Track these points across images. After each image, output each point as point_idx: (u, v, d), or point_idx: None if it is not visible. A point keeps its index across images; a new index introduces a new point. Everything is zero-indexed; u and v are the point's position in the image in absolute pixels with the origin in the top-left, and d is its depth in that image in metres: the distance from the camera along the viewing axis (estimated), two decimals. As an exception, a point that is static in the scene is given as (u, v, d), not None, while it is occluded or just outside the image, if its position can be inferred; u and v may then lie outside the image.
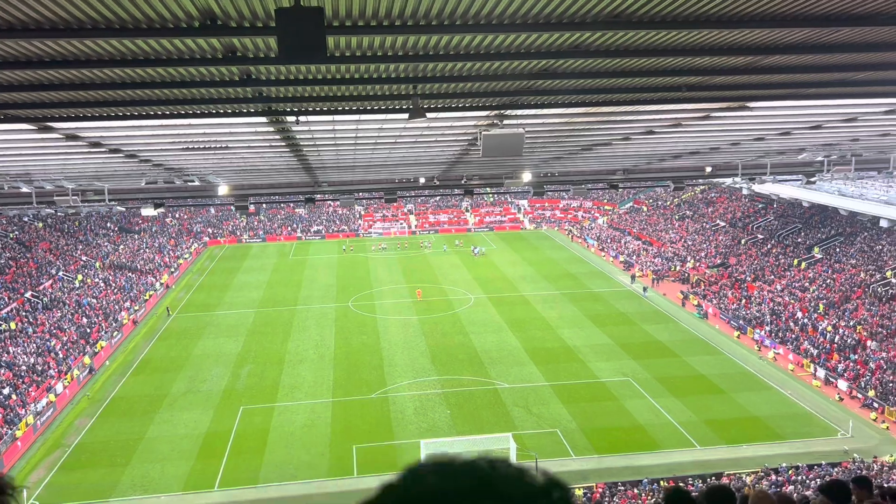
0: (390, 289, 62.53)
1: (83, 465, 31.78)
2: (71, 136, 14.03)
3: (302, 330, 50.84)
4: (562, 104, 12.79)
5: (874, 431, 33.97)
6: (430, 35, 8.01)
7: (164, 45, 7.92)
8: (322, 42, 6.58)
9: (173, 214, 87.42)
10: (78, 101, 10.64)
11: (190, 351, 46.80)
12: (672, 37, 8.54)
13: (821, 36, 8.75)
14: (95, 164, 19.82)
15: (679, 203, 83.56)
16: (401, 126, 14.30)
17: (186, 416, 36.52)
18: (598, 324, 49.95)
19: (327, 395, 38.69)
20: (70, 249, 65.96)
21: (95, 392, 40.58)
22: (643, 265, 66.57)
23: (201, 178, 26.67)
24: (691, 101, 12.78)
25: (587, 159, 25.76)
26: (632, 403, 36.39)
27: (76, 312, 51.34)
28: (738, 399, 37.14)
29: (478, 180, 31.24)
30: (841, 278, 50.81)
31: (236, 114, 12.29)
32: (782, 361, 42.92)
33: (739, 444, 32.30)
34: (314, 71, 9.75)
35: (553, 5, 7.18)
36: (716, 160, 29.18)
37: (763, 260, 59.95)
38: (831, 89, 12.15)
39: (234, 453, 32.30)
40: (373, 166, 25.06)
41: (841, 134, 20.28)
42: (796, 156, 27.83)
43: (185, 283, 67.79)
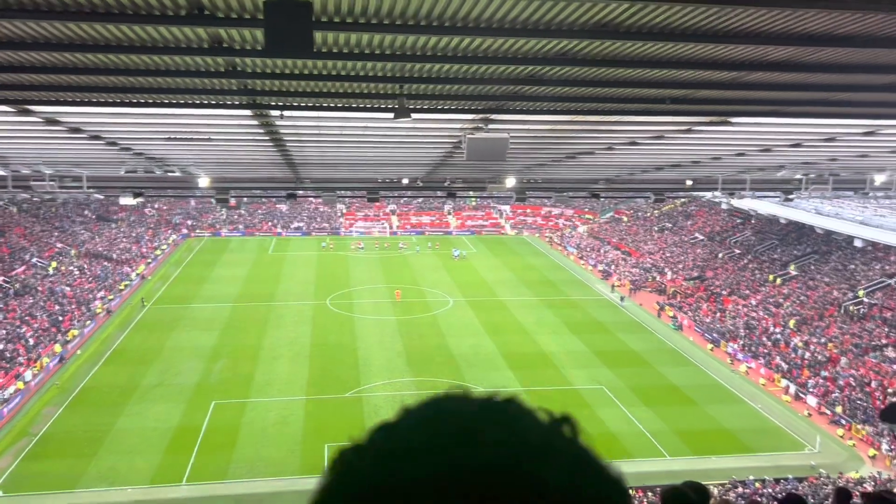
0: (369, 288, 62.36)
1: (49, 455, 31.29)
2: (50, 120, 13.83)
3: (278, 326, 50.50)
4: (547, 111, 12.86)
5: (841, 448, 34.45)
6: (417, 35, 8.02)
7: (150, 32, 7.84)
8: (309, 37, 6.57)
9: (152, 205, 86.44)
10: (59, 85, 10.50)
11: (163, 343, 46.29)
12: (658, 48, 8.62)
13: (803, 55, 8.89)
14: (75, 150, 19.56)
15: (659, 215, 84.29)
16: (386, 125, 14.27)
17: (157, 408, 36.10)
18: (575, 331, 50.18)
19: (301, 393, 38.46)
20: (45, 236, 65.00)
21: (65, 381, 39.98)
22: (621, 275, 67.03)
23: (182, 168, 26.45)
24: (675, 113, 12.91)
25: (570, 167, 25.90)
26: (604, 412, 36.59)
27: (49, 300, 50.59)
28: (709, 411, 37.49)
29: (461, 183, 31.26)
30: (814, 296, 51.53)
31: (220, 105, 12.19)
32: (754, 375, 43.40)
33: (708, 456, 32.60)
34: (300, 66, 9.70)
35: (541, 11, 7.21)
36: (697, 174, 29.46)
37: (739, 274, 60.63)
38: (812, 108, 12.33)
39: (204, 448, 31.99)
40: (356, 164, 25.00)
41: (820, 153, 20.57)
42: (775, 173, 28.20)
43: (162, 274, 67.08)
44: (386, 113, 12.09)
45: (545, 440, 0.72)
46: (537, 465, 0.68)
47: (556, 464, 0.69)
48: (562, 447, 0.73)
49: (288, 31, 6.40)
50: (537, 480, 0.66)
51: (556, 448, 0.72)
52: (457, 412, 0.73)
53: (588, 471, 0.72)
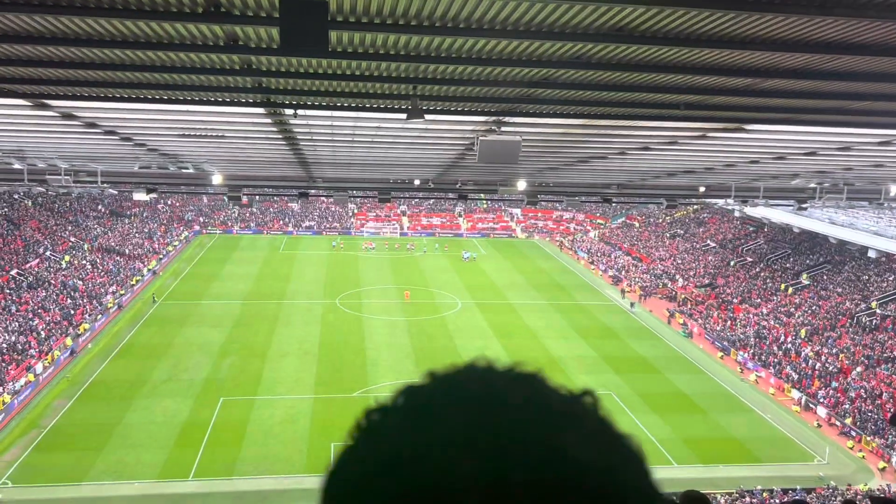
0: (378, 289, 62.42)
1: (58, 448, 31.49)
2: (67, 115, 13.95)
3: (287, 324, 50.64)
4: (560, 114, 12.84)
5: (850, 459, 34.15)
6: (432, 36, 8.03)
7: (167, 28, 7.90)
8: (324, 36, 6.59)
9: (165, 201, 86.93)
10: (76, 79, 10.59)
11: (173, 339, 46.51)
12: (673, 53, 8.59)
13: (820, 63, 8.83)
14: (90, 144, 19.71)
15: (671, 221, 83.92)
16: (399, 126, 14.30)
17: (165, 403, 36.27)
18: (584, 336, 50.02)
19: (308, 391, 38.54)
20: (59, 229, 65.51)
21: (75, 374, 40.25)
22: (632, 281, 66.78)
23: (196, 165, 26.60)
24: (689, 119, 12.86)
25: (582, 172, 25.85)
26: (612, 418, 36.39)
27: (61, 293, 50.96)
28: (717, 419, 37.26)
29: (472, 186, 31.30)
30: (826, 306, 51.13)
31: (234, 103, 12.25)
32: (763, 385, 43.10)
33: (716, 464, 32.40)
34: (315, 65, 9.74)
35: (556, 14, 7.21)
36: (710, 181, 29.33)
37: (751, 283, 60.26)
38: (828, 116, 12.25)
39: (211, 444, 32.10)
40: (368, 165, 25.05)
41: (835, 162, 20.43)
42: (789, 181, 28.03)
43: (174, 270, 67.43)
44: (399, 113, 12.11)
45: (566, 406, 0.74)
46: (557, 429, 0.69)
47: (575, 429, 0.70)
48: (581, 413, 0.74)
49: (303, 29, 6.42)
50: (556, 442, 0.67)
51: (576, 414, 0.74)
52: (482, 377, 0.75)
53: (605, 438, 0.73)
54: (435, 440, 0.66)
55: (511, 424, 0.67)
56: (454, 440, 0.65)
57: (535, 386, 0.75)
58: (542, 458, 0.65)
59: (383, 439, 0.69)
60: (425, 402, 0.72)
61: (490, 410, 0.69)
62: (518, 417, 0.68)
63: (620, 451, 0.73)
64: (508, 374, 0.77)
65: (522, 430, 0.67)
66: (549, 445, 0.66)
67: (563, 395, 0.76)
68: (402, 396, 0.74)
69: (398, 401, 0.73)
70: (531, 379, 0.77)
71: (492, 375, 0.76)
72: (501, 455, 0.64)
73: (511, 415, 0.69)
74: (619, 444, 0.73)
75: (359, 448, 0.70)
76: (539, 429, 0.68)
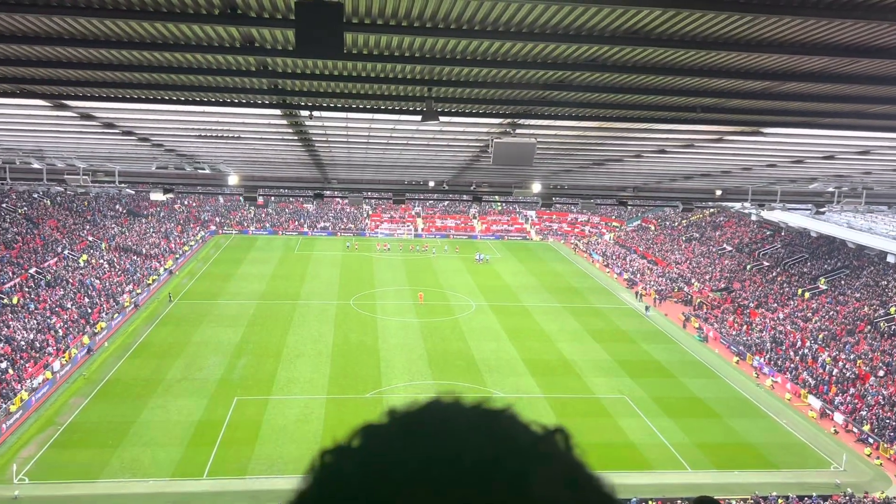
0: (392, 290, 62.52)
1: (74, 444, 31.81)
2: (85, 115, 14.09)
3: (302, 325, 50.84)
4: (575, 117, 12.79)
5: (867, 467, 33.74)
6: (447, 38, 8.03)
7: (184, 30, 7.96)
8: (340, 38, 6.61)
9: (182, 201, 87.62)
10: (94, 80, 10.69)
11: (189, 338, 46.85)
12: (690, 56, 8.53)
13: (839, 66, 8.74)
14: (108, 145, 19.90)
15: (687, 225, 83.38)
16: (413, 128, 14.32)
17: (180, 402, 36.53)
18: (598, 339, 49.80)
19: (322, 392, 38.67)
20: (77, 229, 66.20)
21: (92, 372, 40.64)
22: (647, 284, 66.42)
23: (212, 166, 26.77)
24: (706, 122, 12.76)
25: (597, 174, 25.75)
26: (626, 421, 36.24)
27: (78, 292, 51.48)
28: (732, 424, 36.95)
29: (487, 188, 31.26)
30: (844, 311, 50.56)
31: (250, 104, 12.33)
32: (780, 390, 42.69)
33: (731, 470, 32.13)
34: (330, 66, 9.77)
35: (572, 17, 7.18)
36: (726, 184, 29.11)
37: (767, 287, 59.73)
38: (847, 120, 12.12)
39: (225, 443, 32.29)
40: (383, 166, 25.10)
41: (854, 166, 20.21)
42: (807, 185, 27.75)
43: (189, 270, 67.92)
44: (414, 115, 12.13)
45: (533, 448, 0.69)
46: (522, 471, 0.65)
47: (542, 471, 0.66)
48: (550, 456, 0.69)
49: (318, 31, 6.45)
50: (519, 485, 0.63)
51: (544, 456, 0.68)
52: (444, 416, 0.71)
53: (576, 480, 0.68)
54: (389, 485, 0.63)
55: (472, 466, 0.63)
56: (409, 484, 0.62)
57: (501, 424, 0.71)
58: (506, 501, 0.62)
59: (336, 484, 0.66)
60: (381, 445, 0.68)
61: (449, 452, 0.65)
62: (478, 458, 0.64)
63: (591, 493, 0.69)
64: (472, 411, 0.71)
65: (484, 472, 0.63)
66: (513, 487, 0.63)
67: (532, 433, 0.71)
68: (359, 437, 0.70)
69: (353, 442, 0.70)
70: (497, 416, 0.72)
71: (454, 413, 0.71)
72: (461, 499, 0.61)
73: (471, 455, 0.65)
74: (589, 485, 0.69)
75: (312, 492, 0.68)
76: (502, 470, 0.64)
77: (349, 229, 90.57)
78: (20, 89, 11.25)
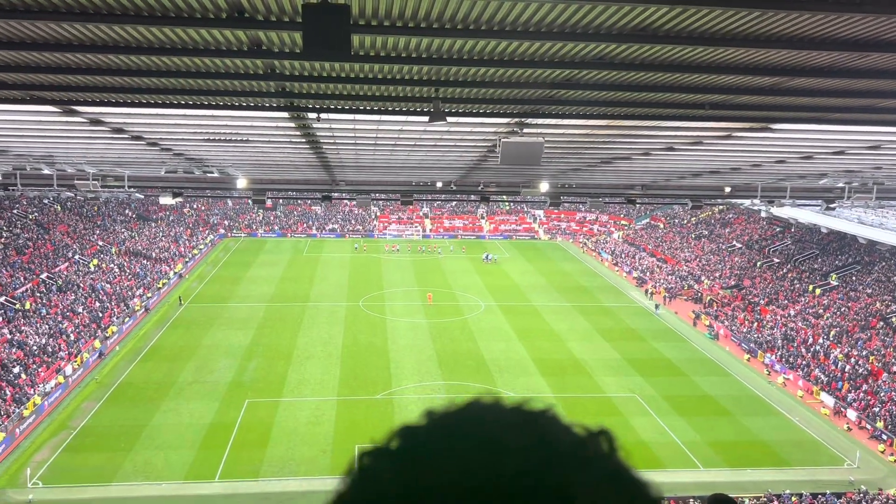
0: (401, 291, 62.57)
1: (87, 448, 31.98)
2: (95, 120, 14.17)
3: (311, 326, 50.95)
4: (583, 115, 12.77)
5: (881, 464, 33.50)
6: (454, 39, 8.03)
7: (191, 34, 7.99)
8: (347, 40, 6.62)
9: (191, 205, 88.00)
10: (103, 86, 10.76)
11: (199, 341, 47.03)
12: (698, 53, 8.50)
13: (848, 60, 8.68)
14: (117, 150, 20.02)
15: (696, 222, 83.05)
16: (421, 129, 14.33)
17: (192, 405, 36.67)
18: (608, 338, 49.66)
19: (332, 393, 38.73)
20: (87, 234, 66.59)
21: (104, 376, 40.86)
22: (656, 282, 66.18)
23: (220, 169, 26.87)
24: (714, 119, 12.72)
25: (605, 172, 25.68)
26: (637, 420, 36.12)
27: (90, 296, 51.78)
28: (744, 422, 36.76)
29: (495, 188, 31.24)
30: (856, 307, 50.23)
31: (258, 107, 12.36)
32: (791, 387, 42.45)
33: (744, 468, 31.96)
34: (338, 69, 9.79)
35: (579, 15, 7.17)
36: (735, 181, 28.98)
37: (778, 284, 59.41)
38: (856, 115, 12.04)
39: (237, 446, 32.39)
40: (391, 167, 25.13)
41: (864, 161, 20.08)
42: (817, 181, 27.60)
43: (199, 273, 68.18)
44: (421, 116, 12.13)
45: (576, 452, 0.67)
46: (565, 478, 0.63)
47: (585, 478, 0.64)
48: (594, 461, 0.68)
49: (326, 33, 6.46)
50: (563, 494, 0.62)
51: (588, 461, 0.67)
52: (483, 418, 0.70)
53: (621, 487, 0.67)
54: (427, 489, 0.62)
55: (512, 470, 0.62)
56: (448, 488, 0.61)
57: (542, 426, 0.69)
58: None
59: (374, 486, 0.66)
60: (419, 447, 0.67)
61: (489, 455, 0.64)
62: (519, 463, 0.63)
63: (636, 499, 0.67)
64: (512, 413, 0.70)
65: (524, 477, 0.62)
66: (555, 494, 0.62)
67: (574, 436, 0.69)
68: (397, 439, 0.69)
69: (391, 444, 0.69)
70: (538, 418, 0.70)
71: (493, 415, 0.70)
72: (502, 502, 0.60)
73: (512, 460, 0.64)
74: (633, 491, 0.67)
75: (349, 494, 0.67)
76: (543, 475, 0.63)
77: (357, 231, 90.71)
78: (30, 96, 11.33)
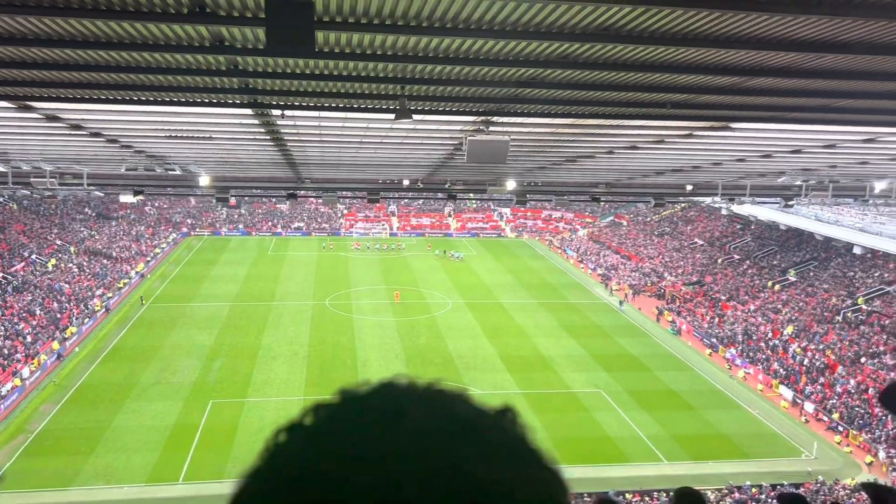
0: (368, 289, 62.34)
1: (46, 452, 31.24)
2: (51, 116, 13.83)
3: (277, 326, 50.47)
4: (547, 114, 12.86)
5: (838, 454, 34.42)
6: (419, 36, 8.02)
7: (151, 29, 7.85)
8: (311, 36, 6.57)
9: (152, 203, 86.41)
10: (60, 81, 10.50)
11: (162, 341, 46.25)
12: (659, 53, 8.62)
13: (804, 61, 8.89)
14: (75, 147, 19.56)
15: (659, 220, 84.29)
16: (387, 126, 14.28)
17: (155, 407, 36.05)
18: (573, 334, 50.15)
19: (299, 393, 38.43)
20: (45, 233, 64.98)
21: (62, 378, 39.94)
22: (621, 279, 67.03)
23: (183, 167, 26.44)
24: (675, 118, 12.92)
25: (571, 171, 25.91)
26: (602, 415, 36.56)
27: (47, 297, 50.55)
28: (706, 416, 37.46)
29: (461, 186, 31.29)
30: (813, 302, 51.52)
31: (221, 104, 12.20)
32: (752, 381, 43.37)
33: (706, 461, 32.56)
34: (302, 65, 9.71)
35: (542, 14, 7.22)
36: (697, 179, 29.48)
37: (738, 280, 60.62)
38: (813, 115, 12.34)
39: (202, 447, 31.94)
40: (357, 165, 25.01)
41: (820, 159, 20.59)
42: (776, 179, 28.22)
43: (161, 272, 67.04)
44: (387, 114, 12.10)
45: (472, 423, 0.72)
46: (456, 445, 0.68)
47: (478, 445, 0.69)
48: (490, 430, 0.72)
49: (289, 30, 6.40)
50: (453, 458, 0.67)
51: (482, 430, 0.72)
52: (388, 395, 0.75)
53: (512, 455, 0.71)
54: (332, 456, 0.67)
55: (409, 439, 0.67)
56: (350, 456, 0.66)
57: (444, 402, 0.74)
58: (437, 472, 0.65)
59: (285, 457, 0.71)
60: (328, 420, 0.73)
61: (389, 426, 0.69)
62: (417, 432, 0.68)
63: (528, 468, 0.71)
64: (421, 390, 0.75)
65: (419, 445, 0.67)
66: (446, 460, 0.66)
67: (474, 411, 0.74)
68: (308, 414, 0.75)
69: (304, 419, 0.75)
70: (444, 394, 0.75)
71: (401, 392, 0.75)
72: (395, 470, 0.64)
73: (410, 429, 0.68)
74: (527, 461, 0.72)
75: (263, 466, 0.72)
76: (437, 444, 0.67)
77: (324, 229, 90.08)
78: (-17, 91, 11.02)
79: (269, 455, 0.72)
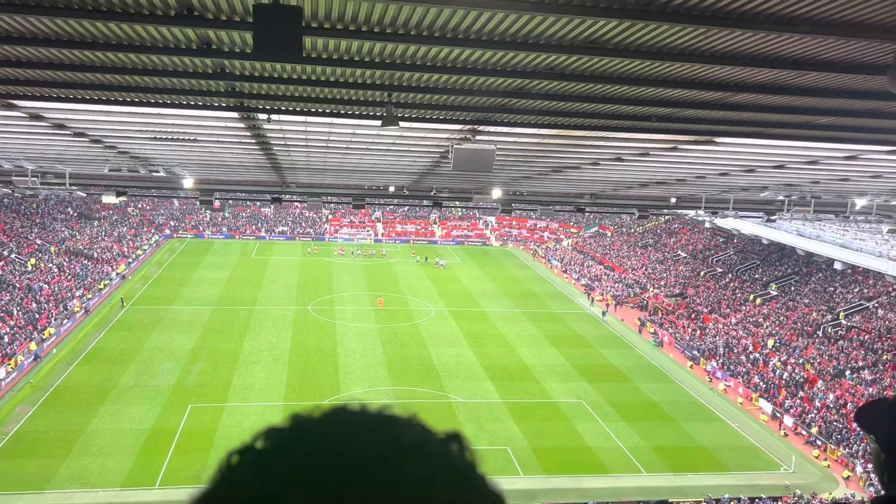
0: (352, 295, 62.13)
1: (20, 455, 30.77)
2: (34, 115, 13.70)
3: (259, 330, 50.15)
4: (534, 124, 12.93)
5: (816, 468, 34.69)
6: (407, 44, 8.04)
7: (138, 30, 7.81)
8: (298, 42, 6.55)
9: (135, 204, 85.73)
10: (45, 80, 10.41)
11: (142, 344, 45.79)
12: (645, 67, 8.70)
13: (788, 78, 9.01)
14: (58, 146, 19.38)
15: (643, 231, 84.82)
16: (374, 132, 14.28)
17: (132, 410, 35.66)
18: (556, 344, 50.26)
19: (279, 399, 38.18)
20: (25, 232, 64.23)
21: (39, 380, 39.40)
22: (604, 290, 67.31)
23: (167, 169, 26.27)
24: (660, 131, 13.01)
25: (556, 181, 26.02)
26: (583, 426, 36.62)
27: (26, 297, 49.91)
28: (686, 428, 37.63)
29: (447, 193, 31.32)
30: (794, 316, 52.00)
31: (207, 107, 12.14)
32: (732, 394, 43.65)
33: (685, 473, 32.69)
34: (289, 70, 9.70)
35: (530, 26, 7.26)
36: (681, 192, 29.72)
37: (720, 293, 61.09)
38: (796, 131, 12.49)
39: (179, 452, 31.61)
40: (343, 171, 24.96)
41: (802, 175, 20.83)
42: (759, 193, 28.51)
43: (143, 274, 66.44)
44: (374, 120, 12.10)
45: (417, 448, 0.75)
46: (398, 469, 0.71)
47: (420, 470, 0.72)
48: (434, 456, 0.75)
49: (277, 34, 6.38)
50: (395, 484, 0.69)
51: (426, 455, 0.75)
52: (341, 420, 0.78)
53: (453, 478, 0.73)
54: (278, 482, 0.70)
55: (353, 466, 0.70)
56: (296, 480, 0.69)
57: (392, 428, 0.78)
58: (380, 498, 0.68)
59: (234, 481, 0.74)
60: (278, 445, 0.76)
61: (336, 452, 0.72)
62: (362, 459, 0.71)
63: (471, 493, 0.74)
64: (372, 416, 0.79)
65: (364, 471, 0.70)
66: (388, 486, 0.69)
67: (420, 437, 0.77)
68: (260, 438, 0.77)
69: (256, 443, 0.77)
70: (394, 421, 0.79)
71: (352, 417, 0.79)
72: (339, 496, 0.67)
73: (356, 456, 0.71)
74: (471, 486, 0.74)
75: (214, 489, 0.76)
76: (381, 469, 0.70)
77: (308, 234, 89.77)
78: (-35, 88, 10.89)
79: (221, 477, 0.75)
